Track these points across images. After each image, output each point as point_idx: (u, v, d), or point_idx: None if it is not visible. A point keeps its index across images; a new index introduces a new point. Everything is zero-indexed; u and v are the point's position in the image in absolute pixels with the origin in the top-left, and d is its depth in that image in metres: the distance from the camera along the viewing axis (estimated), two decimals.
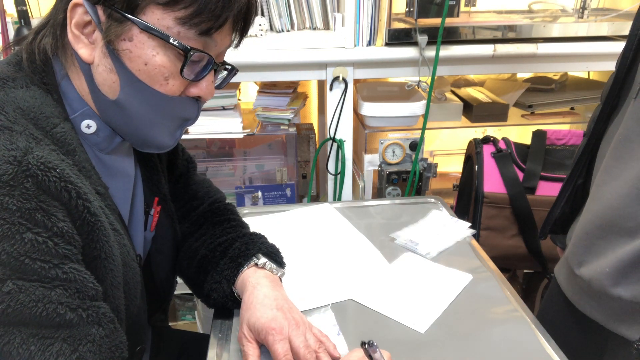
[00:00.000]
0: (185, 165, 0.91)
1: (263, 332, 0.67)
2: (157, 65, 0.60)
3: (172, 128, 0.67)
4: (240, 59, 1.38)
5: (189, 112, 0.67)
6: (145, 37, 0.58)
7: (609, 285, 0.73)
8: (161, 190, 0.80)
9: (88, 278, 0.57)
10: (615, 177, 0.73)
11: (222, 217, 0.89)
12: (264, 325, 0.67)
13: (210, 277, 0.80)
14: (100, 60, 0.60)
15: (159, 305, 0.88)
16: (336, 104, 1.46)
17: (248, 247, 0.80)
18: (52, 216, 0.53)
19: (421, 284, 0.87)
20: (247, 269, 0.77)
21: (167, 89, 0.62)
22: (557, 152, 1.42)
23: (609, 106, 0.80)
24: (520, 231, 1.39)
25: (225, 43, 0.64)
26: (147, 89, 0.61)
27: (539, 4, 1.63)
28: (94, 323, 0.57)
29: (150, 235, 0.79)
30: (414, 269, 0.92)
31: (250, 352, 0.68)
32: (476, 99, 1.67)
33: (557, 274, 0.90)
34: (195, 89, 0.65)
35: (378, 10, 1.37)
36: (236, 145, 1.77)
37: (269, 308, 0.70)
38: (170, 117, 0.65)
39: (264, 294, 0.72)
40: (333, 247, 0.99)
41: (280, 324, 0.67)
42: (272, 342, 0.66)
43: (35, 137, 0.56)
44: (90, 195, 0.59)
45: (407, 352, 0.72)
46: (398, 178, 1.47)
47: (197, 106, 0.67)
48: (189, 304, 1.90)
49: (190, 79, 0.63)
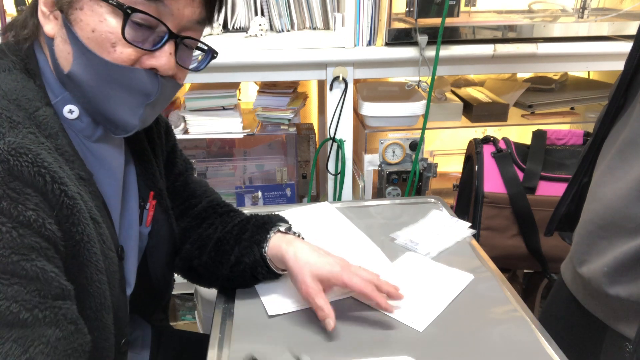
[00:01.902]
0: (184, 165, 0.91)
1: (334, 276, 0.75)
2: (103, 31, 0.58)
3: (132, 104, 0.64)
4: (240, 59, 1.38)
5: (147, 86, 0.63)
6: (94, 4, 0.58)
7: (606, 284, 0.73)
8: (157, 184, 0.80)
9: (54, 276, 0.54)
10: (619, 179, 0.73)
11: (226, 209, 0.91)
12: (331, 270, 0.75)
13: (238, 248, 0.82)
14: (58, 32, 0.61)
15: (157, 302, 0.88)
16: (336, 104, 1.46)
17: (269, 218, 0.86)
18: (20, 205, 0.51)
19: (421, 283, 0.87)
20: (274, 235, 0.82)
21: (114, 57, 0.59)
22: (557, 152, 1.42)
23: (615, 106, 0.79)
24: (521, 231, 1.39)
25: (185, 14, 0.62)
26: (96, 58, 0.59)
27: (539, 4, 1.63)
28: (51, 324, 0.53)
29: (147, 230, 0.79)
30: (415, 267, 0.92)
31: (322, 302, 0.73)
32: (476, 99, 1.67)
33: (563, 271, 0.91)
34: (151, 61, 0.62)
35: (378, 10, 1.37)
36: (236, 145, 1.77)
37: (324, 256, 0.77)
38: (126, 90, 0.62)
39: (308, 248, 0.78)
40: (333, 245, 0.98)
41: (342, 264, 0.77)
42: (349, 278, 0.75)
43: (12, 120, 0.55)
44: (67, 179, 0.58)
45: (406, 351, 0.72)
46: (398, 178, 1.47)
47: (157, 81, 0.63)
48: (189, 304, 1.90)
49: (139, 46, 0.60)
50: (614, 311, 0.75)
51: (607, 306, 0.76)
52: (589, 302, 0.80)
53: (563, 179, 1.34)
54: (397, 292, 0.79)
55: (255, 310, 0.81)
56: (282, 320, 0.78)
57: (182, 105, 1.55)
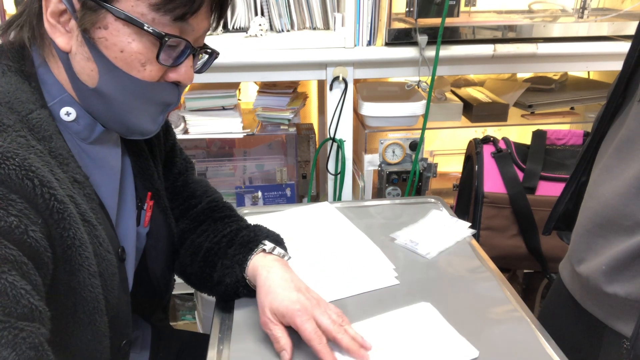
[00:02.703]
0: (184, 164, 0.91)
1: (289, 315, 0.69)
2: (133, 52, 0.59)
3: (154, 113, 0.67)
4: (240, 59, 1.38)
5: (170, 97, 0.67)
6: (120, 25, 0.58)
7: (604, 282, 0.73)
8: (154, 184, 0.80)
9: (23, 294, 0.49)
10: (616, 177, 0.74)
11: (222, 214, 0.90)
12: (288, 307, 0.69)
13: (221, 264, 0.81)
14: (77, 48, 0.60)
15: (157, 302, 0.88)
16: (336, 104, 1.46)
17: (256, 234, 0.82)
18: (1, 210, 0.49)
19: (413, 343, 0.73)
20: (256, 254, 0.78)
21: (144, 75, 0.62)
22: (557, 152, 1.42)
23: (613, 106, 0.80)
24: (520, 231, 1.39)
25: (202, 27, 0.64)
26: (125, 76, 0.61)
27: (539, 4, 1.63)
28: (7, 346, 0.46)
29: (145, 230, 0.79)
30: (419, 322, 0.77)
31: (279, 334, 0.70)
32: (476, 99, 1.67)
33: (561, 270, 0.91)
34: (174, 74, 0.65)
35: (378, 10, 1.37)
36: (236, 145, 1.77)
37: (289, 290, 0.71)
38: (151, 103, 0.65)
39: (280, 277, 0.74)
40: (333, 244, 0.99)
41: (303, 304, 0.70)
42: (301, 322, 0.68)
43: (2, 124, 0.54)
44: (57, 183, 0.57)
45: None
46: (398, 178, 1.47)
47: (177, 91, 0.67)
48: (189, 304, 1.90)
49: (168, 64, 0.63)
50: (612, 310, 0.75)
51: (605, 305, 0.76)
52: (587, 302, 0.80)
53: (563, 179, 1.34)
54: (359, 351, 0.68)
55: (255, 310, 0.81)
56: None
57: (182, 105, 1.55)
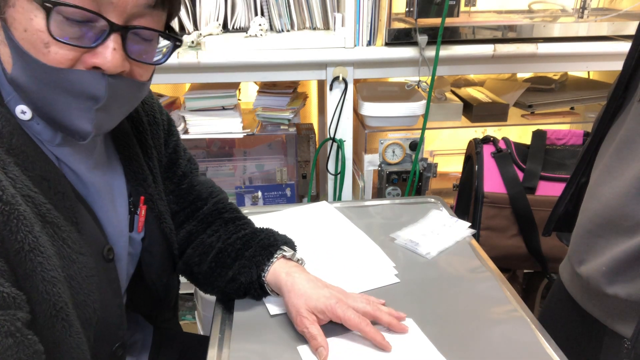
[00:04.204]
0: (188, 166, 0.89)
1: (329, 309, 0.72)
2: (34, 30, 0.53)
3: (81, 109, 0.57)
4: (240, 59, 1.38)
5: (92, 88, 0.56)
6: (25, 1, 0.53)
7: (605, 283, 0.73)
8: (147, 189, 0.77)
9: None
10: (616, 177, 0.73)
11: (232, 215, 0.90)
12: (326, 303, 0.73)
13: (238, 264, 0.81)
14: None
15: (158, 305, 0.87)
16: (336, 104, 1.46)
17: (275, 239, 0.84)
18: None
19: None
20: (277, 260, 0.80)
21: (50, 59, 0.54)
22: (557, 152, 1.42)
23: (613, 106, 0.80)
24: (520, 231, 1.39)
25: (126, 2, 0.54)
26: (33, 60, 0.54)
27: (539, 4, 1.63)
28: None
29: (139, 236, 0.77)
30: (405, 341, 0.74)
31: (316, 332, 0.72)
32: (476, 99, 1.67)
33: (561, 271, 0.91)
34: (92, 58, 0.55)
35: (378, 10, 1.37)
36: (236, 145, 1.77)
37: (320, 289, 0.75)
38: (70, 95, 0.56)
39: (305, 280, 0.76)
40: (332, 243, 0.99)
41: (337, 297, 0.74)
42: (343, 312, 0.72)
43: None
44: (6, 182, 0.54)
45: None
46: (398, 178, 1.47)
47: (103, 81, 0.56)
48: (189, 304, 1.90)
49: (73, 43, 0.54)
50: (613, 311, 0.75)
51: (605, 306, 0.76)
52: (588, 303, 0.80)
53: (563, 179, 1.34)
54: (399, 324, 0.74)
55: (255, 310, 0.81)
56: (282, 320, 0.78)
57: (182, 105, 1.55)
